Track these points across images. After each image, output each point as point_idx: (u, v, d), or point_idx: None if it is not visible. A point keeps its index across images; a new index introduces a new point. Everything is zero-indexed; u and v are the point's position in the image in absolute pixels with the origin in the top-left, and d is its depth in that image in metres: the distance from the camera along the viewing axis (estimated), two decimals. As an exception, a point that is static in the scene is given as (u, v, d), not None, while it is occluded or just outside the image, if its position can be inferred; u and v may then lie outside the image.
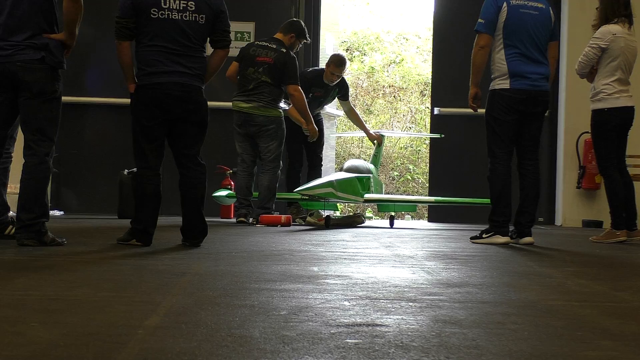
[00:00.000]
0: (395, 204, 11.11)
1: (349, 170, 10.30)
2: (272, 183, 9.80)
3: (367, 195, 10.20)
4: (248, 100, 9.72)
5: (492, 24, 7.42)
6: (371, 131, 11.79)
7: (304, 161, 10.68)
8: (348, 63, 11.31)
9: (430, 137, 12.49)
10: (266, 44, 9.89)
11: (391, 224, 10.35)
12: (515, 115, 7.45)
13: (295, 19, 10.45)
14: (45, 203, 6.09)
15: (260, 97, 9.70)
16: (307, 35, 10.14)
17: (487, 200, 7.71)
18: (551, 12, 7.61)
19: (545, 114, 7.68)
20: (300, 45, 10.15)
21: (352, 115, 11.31)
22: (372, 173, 10.70)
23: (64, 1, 5.97)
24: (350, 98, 11.18)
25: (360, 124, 11.47)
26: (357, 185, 9.98)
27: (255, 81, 9.72)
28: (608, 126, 8.04)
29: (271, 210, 9.77)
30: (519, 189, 7.59)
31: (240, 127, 9.82)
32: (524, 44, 7.44)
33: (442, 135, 11.67)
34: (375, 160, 11.58)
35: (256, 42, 10.09)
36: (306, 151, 10.64)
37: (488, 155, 7.55)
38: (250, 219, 9.74)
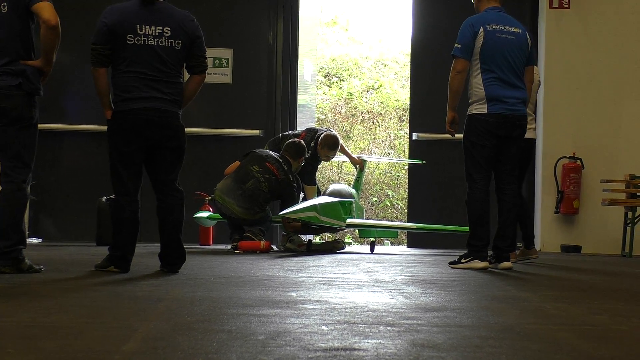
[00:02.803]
0: (377, 229, 11.08)
1: (332, 194, 10.27)
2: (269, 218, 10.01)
3: (349, 220, 10.16)
4: (239, 203, 9.64)
5: (468, 48, 7.46)
6: (353, 156, 11.81)
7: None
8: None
9: (408, 163, 12.49)
10: (279, 159, 9.89)
11: (372, 249, 10.31)
12: (493, 140, 7.48)
13: (297, 142, 10.14)
14: (23, 230, 6.06)
15: (253, 204, 9.65)
16: (307, 150, 10.22)
17: (467, 228, 7.70)
18: (527, 36, 7.66)
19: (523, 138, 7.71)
20: (302, 163, 10.19)
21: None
22: (354, 198, 10.68)
23: (42, 28, 5.96)
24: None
25: (342, 149, 11.47)
26: (340, 209, 9.93)
27: (255, 182, 9.66)
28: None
29: (265, 233, 9.83)
30: (498, 214, 7.61)
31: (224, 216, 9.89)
32: (501, 68, 7.48)
33: (424, 162, 11.66)
34: (357, 185, 11.58)
35: (270, 152, 10.03)
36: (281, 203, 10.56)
37: (466, 180, 7.56)
38: (229, 246, 9.73)
